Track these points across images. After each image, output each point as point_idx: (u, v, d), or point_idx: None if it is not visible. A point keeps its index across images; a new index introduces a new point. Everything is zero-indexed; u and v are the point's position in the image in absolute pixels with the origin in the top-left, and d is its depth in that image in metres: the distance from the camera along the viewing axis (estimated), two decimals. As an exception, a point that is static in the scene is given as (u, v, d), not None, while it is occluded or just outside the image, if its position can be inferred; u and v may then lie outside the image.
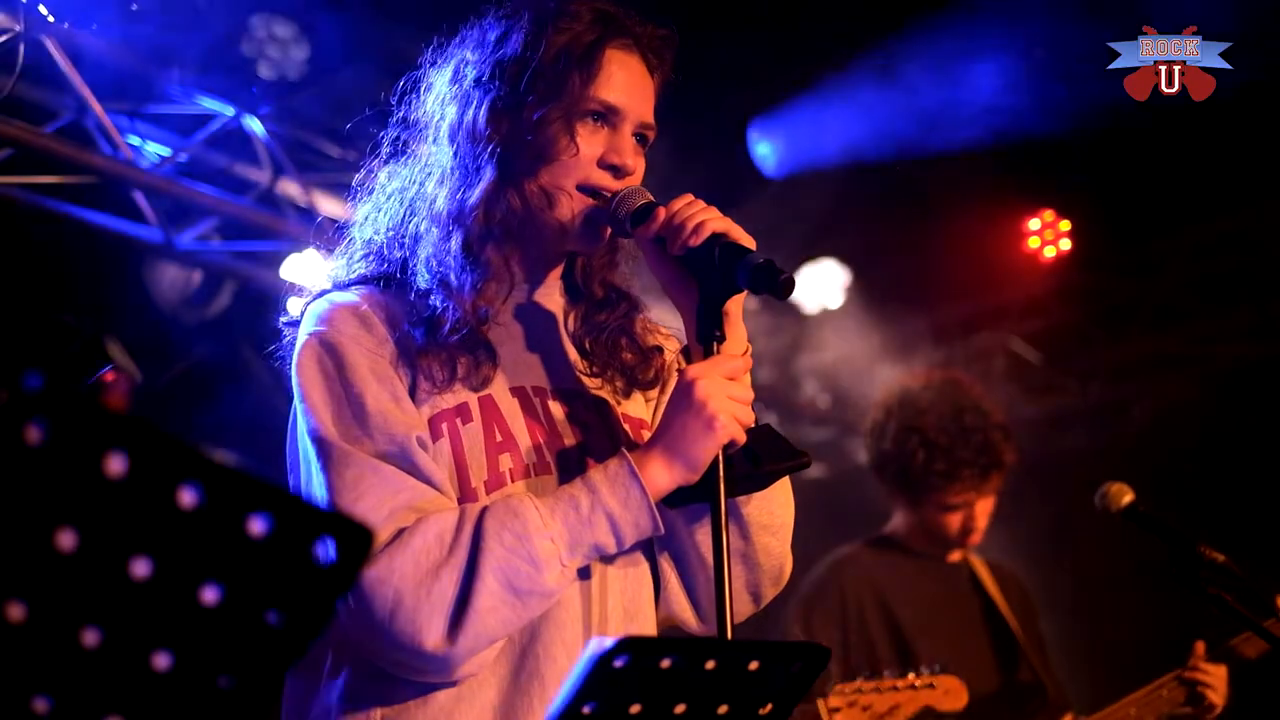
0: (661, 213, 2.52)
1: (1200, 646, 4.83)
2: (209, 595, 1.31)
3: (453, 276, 2.54)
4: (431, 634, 2.30)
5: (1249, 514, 7.53)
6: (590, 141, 2.57)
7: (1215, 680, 4.73)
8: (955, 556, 4.93)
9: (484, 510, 2.37)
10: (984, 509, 4.76)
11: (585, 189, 2.57)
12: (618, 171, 2.58)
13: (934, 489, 4.69)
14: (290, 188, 6.63)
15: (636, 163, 2.61)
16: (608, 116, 2.58)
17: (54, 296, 6.04)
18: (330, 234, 2.82)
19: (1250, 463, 8.04)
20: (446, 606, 2.30)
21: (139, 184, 6.12)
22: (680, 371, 2.49)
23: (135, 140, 6.11)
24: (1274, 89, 6.18)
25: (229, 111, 6.22)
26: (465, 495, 2.46)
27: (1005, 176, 7.52)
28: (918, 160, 6.68)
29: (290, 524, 1.32)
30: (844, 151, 6.86)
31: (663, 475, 2.42)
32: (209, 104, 6.16)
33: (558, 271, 2.75)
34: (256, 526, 1.31)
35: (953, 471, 4.63)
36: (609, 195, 2.57)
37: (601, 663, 1.83)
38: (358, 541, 1.36)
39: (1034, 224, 8.32)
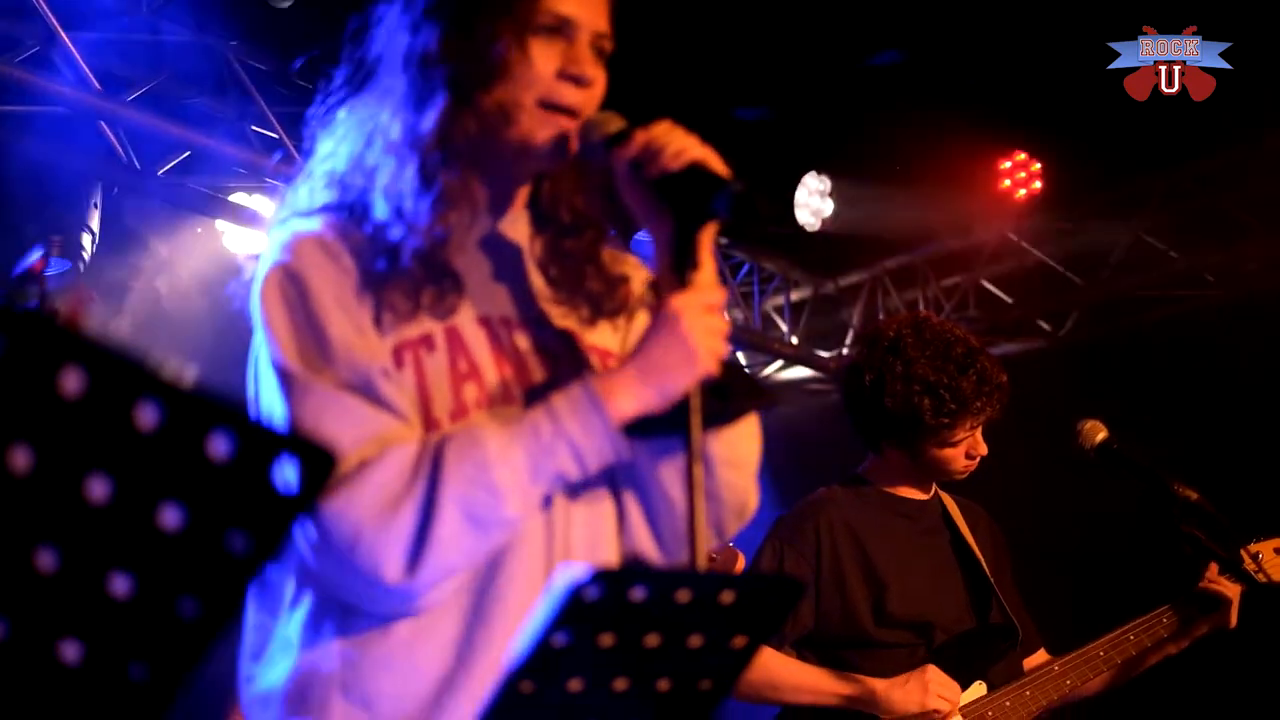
0: (639, 137, 2.47)
1: (1214, 566, 4.78)
2: (169, 518, 1.27)
3: (411, 205, 2.50)
4: (391, 566, 2.27)
5: (1220, 456, 7.54)
6: (546, 55, 2.52)
7: (1232, 594, 4.70)
8: (926, 494, 4.91)
9: (444, 440, 2.33)
10: (980, 438, 4.73)
11: (546, 104, 2.52)
12: (578, 82, 2.53)
13: (943, 428, 4.65)
14: (262, 121, 6.58)
15: (596, 74, 2.56)
16: (562, 29, 2.53)
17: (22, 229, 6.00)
18: (295, 169, 2.78)
19: (1222, 405, 8.05)
20: (407, 539, 2.27)
21: (107, 115, 6.05)
22: (662, 300, 2.46)
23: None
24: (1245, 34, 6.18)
25: (198, 41, 6.16)
26: (429, 425, 2.42)
27: (978, 117, 7.51)
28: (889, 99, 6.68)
29: (253, 445, 1.29)
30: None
31: (630, 401, 2.38)
32: (178, 34, 6.09)
33: (523, 198, 2.71)
34: (218, 447, 1.27)
35: (963, 409, 4.60)
36: (573, 112, 2.53)
37: (573, 594, 1.80)
38: (321, 464, 1.32)
39: (1006, 165, 8.32)
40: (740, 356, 9.88)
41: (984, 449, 4.73)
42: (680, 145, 2.43)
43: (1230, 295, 8.56)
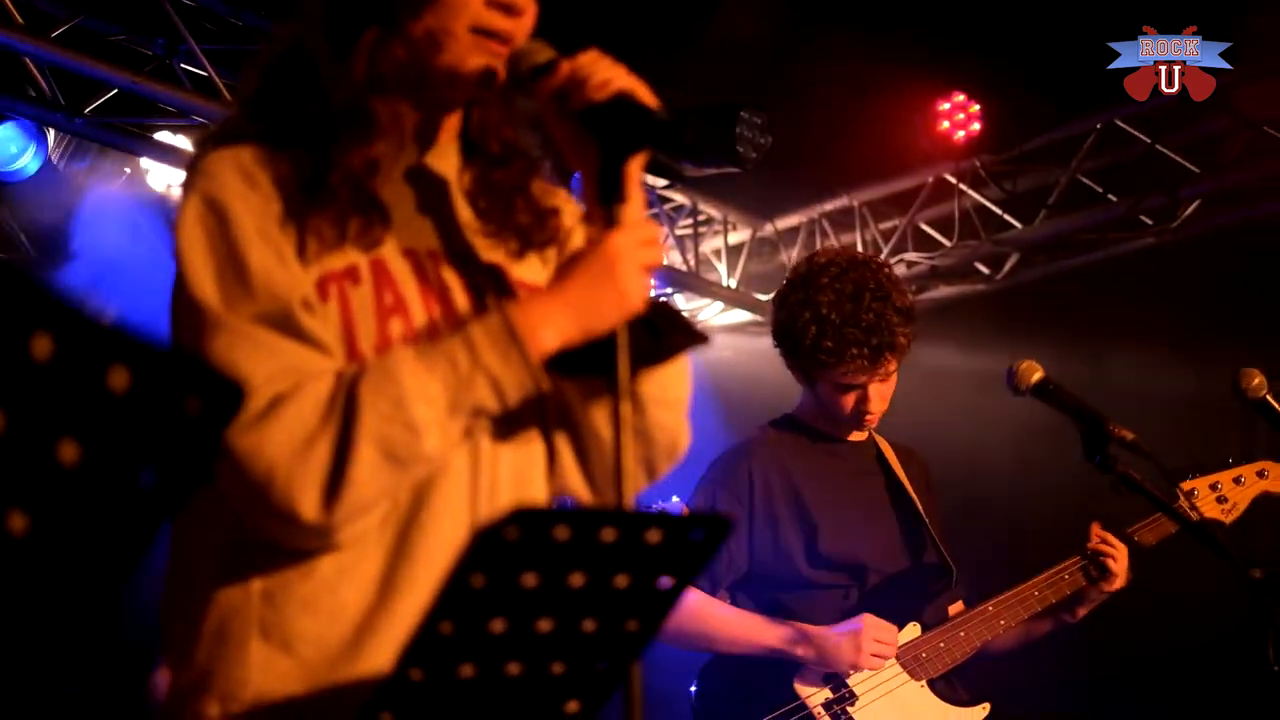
0: (565, 67, 2.43)
1: (1096, 526, 4.84)
2: (67, 453, 1.23)
3: (336, 134, 2.45)
4: (307, 505, 2.22)
5: (1157, 397, 7.57)
6: None
7: (1118, 553, 4.74)
8: (860, 436, 4.90)
9: (359, 374, 2.28)
10: (879, 393, 4.71)
11: (477, 29, 2.47)
12: (509, 10, 2.48)
13: (824, 366, 4.65)
14: (191, 59, 6.48)
15: (527, 2, 2.51)
16: None
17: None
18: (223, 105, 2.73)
19: (1159, 347, 8.09)
20: (322, 477, 2.23)
21: (30, 51, 5.95)
22: (590, 234, 2.42)
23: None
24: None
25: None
26: (353, 358, 2.37)
27: (916, 57, 7.48)
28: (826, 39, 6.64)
29: (154, 377, 1.24)
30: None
31: (551, 334, 2.34)
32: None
33: (452, 129, 2.66)
34: (117, 379, 1.23)
35: (840, 350, 4.58)
36: (504, 38, 2.48)
37: (492, 534, 1.77)
38: (226, 396, 1.28)
39: (944, 106, 8.30)
40: (679, 300, 9.86)
41: (876, 405, 4.72)
42: (606, 75, 2.38)
43: (1168, 237, 8.58)
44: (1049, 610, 4.84)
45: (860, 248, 9.45)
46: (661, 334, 2.44)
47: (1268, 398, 4.25)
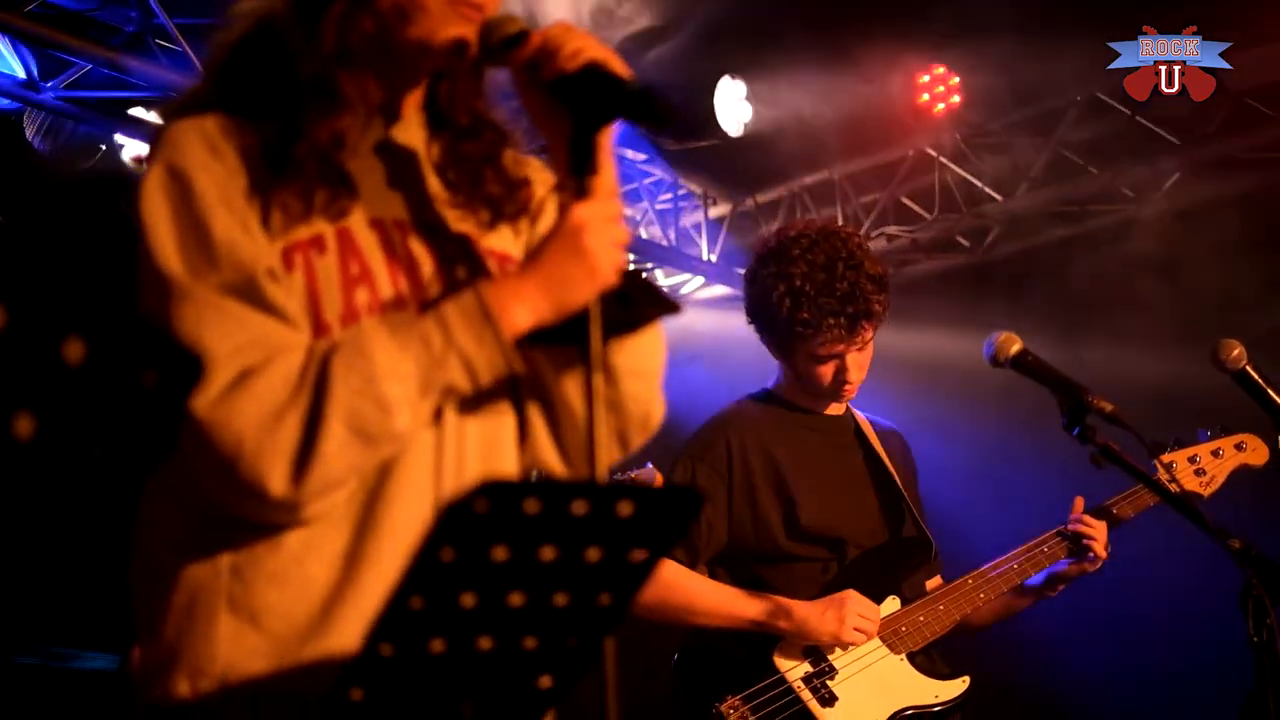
0: (536, 37, 2.41)
1: (1080, 502, 4.85)
2: (22, 427, 1.21)
3: (302, 106, 2.42)
4: (275, 480, 2.21)
5: (1138, 370, 7.57)
6: None
7: (1097, 533, 4.74)
8: (838, 410, 4.89)
9: (331, 349, 2.26)
10: (856, 362, 4.70)
11: None
12: None
13: (801, 338, 4.63)
14: (163, 34, 6.44)
15: None
16: None
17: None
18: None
19: (1141, 319, 8.07)
20: (290, 452, 2.21)
21: (4, 28, 5.91)
22: (564, 210, 2.39)
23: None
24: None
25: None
26: (319, 329, 2.35)
27: (896, 29, 7.46)
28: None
29: (110, 349, 1.22)
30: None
31: (525, 313, 2.32)
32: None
33: (420, 100, 2.63)
34: (73, 351, 1.21)
35: (817, 320, 4.57)
36: (477, 5, 2.45)
37: (461, 507, 1.75)
38: (184, 368, 1.26)
39: (924, 79, 8.28)
40: (659, 275, 9.84)
41: (855, 375, 4.71)
42: (576, 45, 2.37)
43: (1148, 210, 8.57)
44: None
45: (841, 222, 9.43)
46: (634, 304, 2.42)
47: (1248, 368, 4.23)
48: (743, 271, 9.71)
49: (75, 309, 1.21)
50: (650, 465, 4.45)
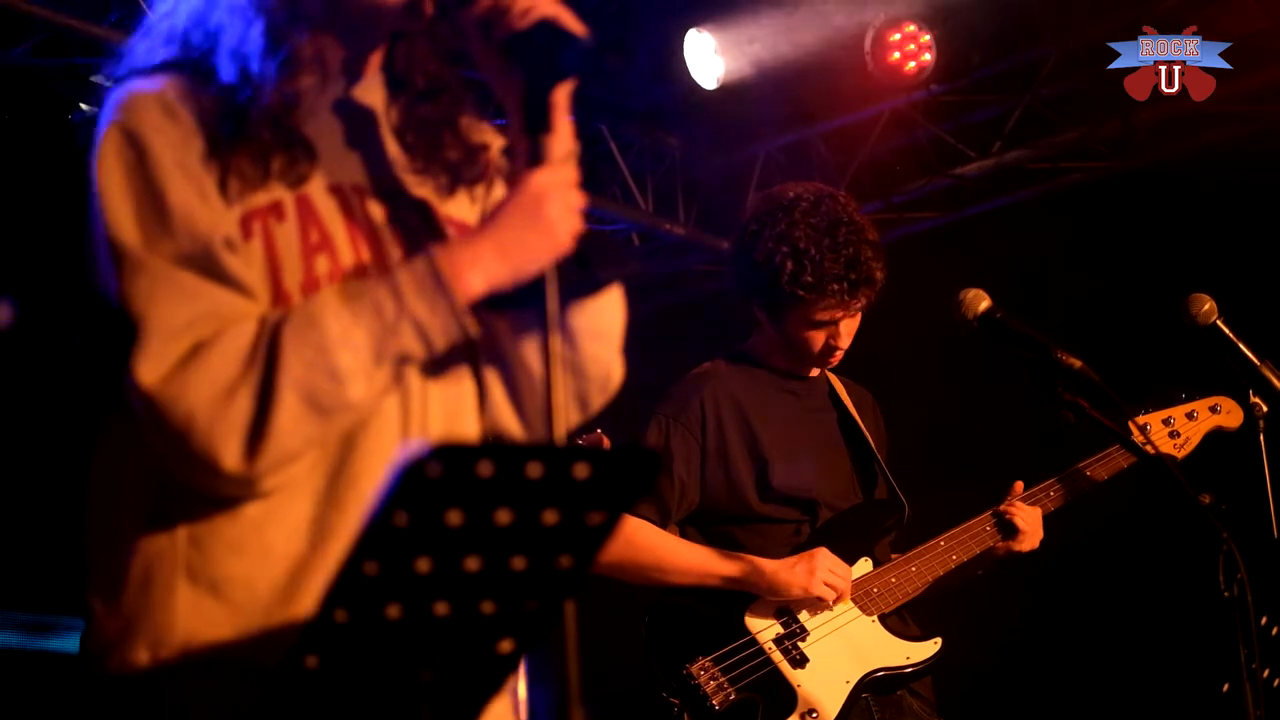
0: None
1: (1019, 486, 4.84)
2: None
3: (258, 67, 2.39)
4: (228, 455, 2.19)
5: (1112, 331, 7.57)
6: None
7: (1027, 521, 4.73)
8: (813, 372, 4.87)
9: (282, 320, 2.24)
10: (849, 328, 4.69)
11: None
12: None
13: (800, 302, 4.60)
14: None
15: None
16: None
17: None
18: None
19: (1115, 279, 8.07)
20: (243, 427, 2.19)
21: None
22: (518, 174, 2.37)
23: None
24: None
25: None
26: (279, 298, 2.32)
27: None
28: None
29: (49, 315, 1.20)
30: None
31: (480, 279, 2.30)
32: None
33: (377, 62, 2.60)
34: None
35: (821, 285, 4.54)
36: None
37: (414, 471, 1.73)
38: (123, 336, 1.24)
39: (895, 37, 8.23)
40: (633, 238, 9.79)
41: (845, 340, 4.70)
42: (528, 3, 2.33)
43: (1123, 166, 8.55)
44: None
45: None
46: (591, 265, 2.40)
47: (1218, 323, 4.19)
48: (715, 236, 9.72)
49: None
50: (599, 431, 4.41)
